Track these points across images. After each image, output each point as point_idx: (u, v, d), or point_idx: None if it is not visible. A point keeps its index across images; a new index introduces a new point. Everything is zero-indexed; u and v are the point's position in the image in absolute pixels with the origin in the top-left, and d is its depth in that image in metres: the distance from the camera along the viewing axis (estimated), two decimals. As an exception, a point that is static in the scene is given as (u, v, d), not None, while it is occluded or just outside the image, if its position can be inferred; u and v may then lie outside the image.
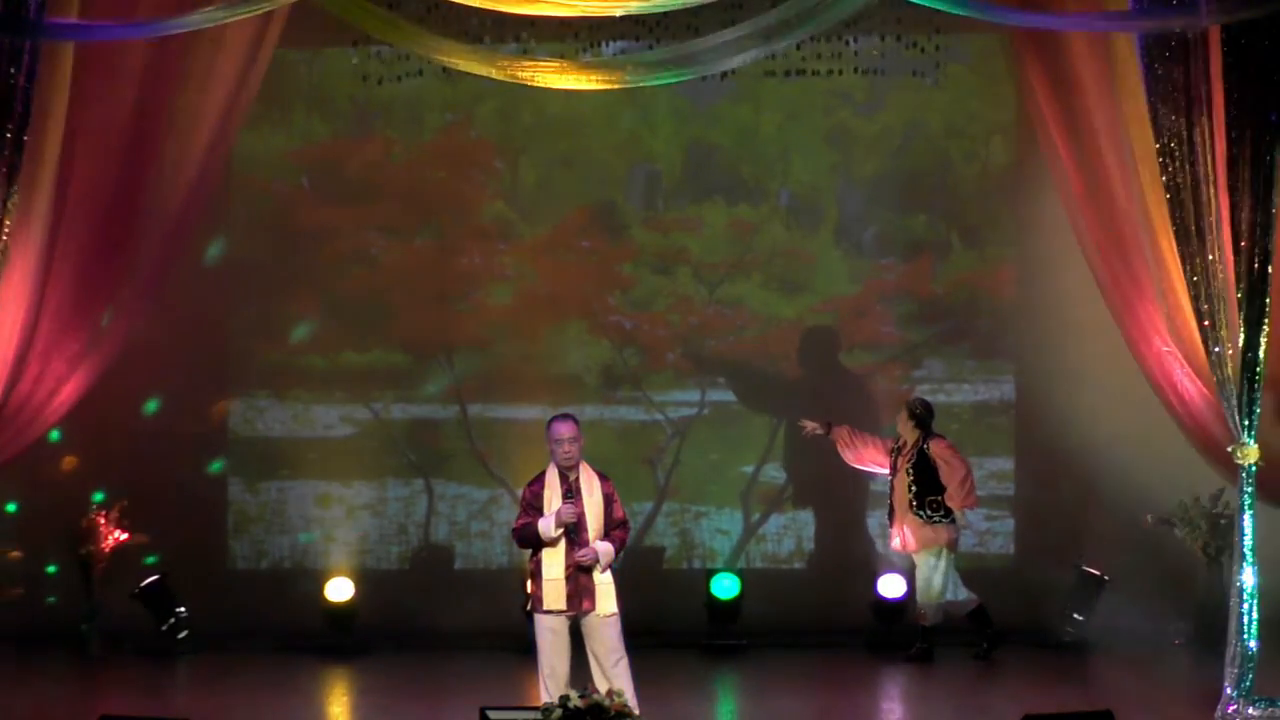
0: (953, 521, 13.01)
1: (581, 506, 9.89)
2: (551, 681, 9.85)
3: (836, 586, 14.08)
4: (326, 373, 14.66)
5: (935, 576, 13.03)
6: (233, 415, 14.65)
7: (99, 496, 13.80)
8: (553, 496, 9.93)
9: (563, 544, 9.89)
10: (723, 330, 14.64)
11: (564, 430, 9.97)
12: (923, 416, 13.19)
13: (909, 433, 13.18)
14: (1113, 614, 13.74)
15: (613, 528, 10.00)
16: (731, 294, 14.61)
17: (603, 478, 10.08)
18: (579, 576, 9.89)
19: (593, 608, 9.89)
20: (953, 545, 13.08)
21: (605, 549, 9.92)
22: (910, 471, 13.05)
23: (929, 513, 12.99)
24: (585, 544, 9.88)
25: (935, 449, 13.06)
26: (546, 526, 9.84)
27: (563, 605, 9.90)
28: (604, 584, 9.90)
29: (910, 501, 13.04)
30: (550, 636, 9.95)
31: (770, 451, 14.51)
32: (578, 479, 9.97)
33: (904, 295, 14.53)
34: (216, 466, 14.59)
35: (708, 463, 14.60)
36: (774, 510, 14.48)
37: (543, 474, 10.04)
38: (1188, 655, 13.14)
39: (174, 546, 14.04)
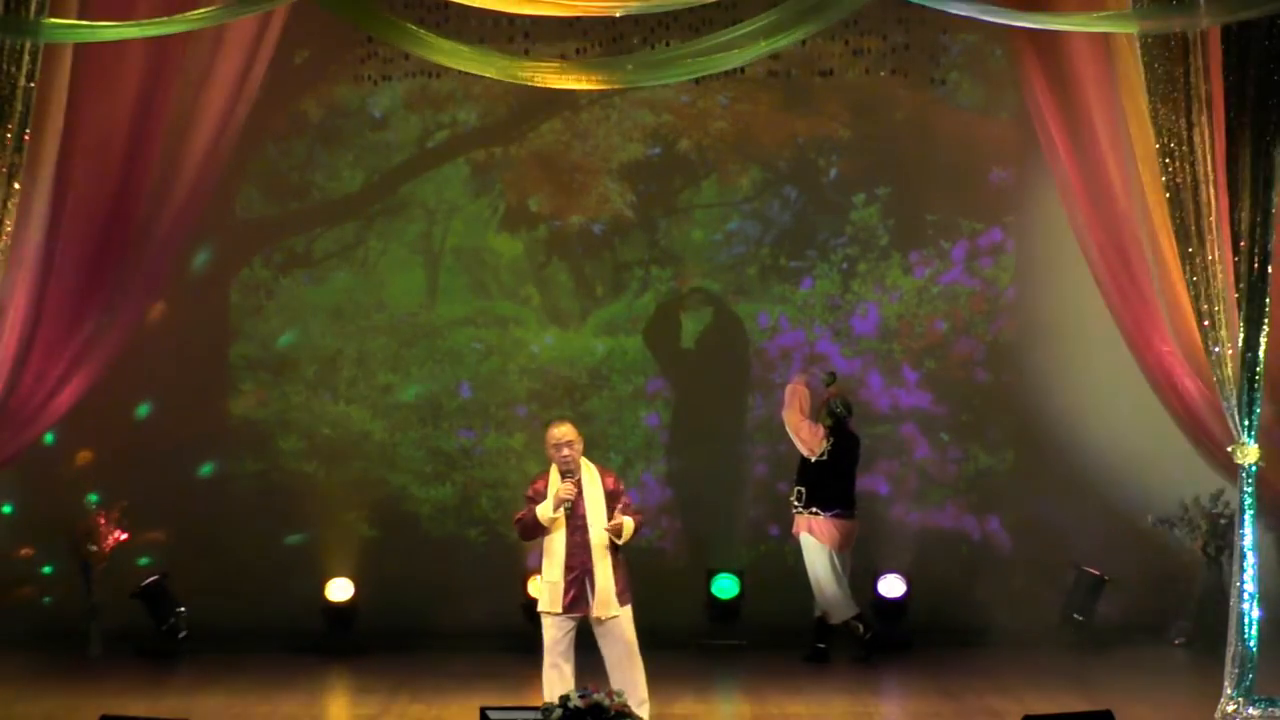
0: (808, 512, 13.00)
1: (580, 490, 9.89)
2: (552, 680, 9.84)
3: (837, 586, 14.08)
4: (328, 372, 14.67)
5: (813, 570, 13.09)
6: (233, 414, 14.66)
7: (93, 497, 13.81)
8: (553, 493, 9.95)
9: (563, 545, 9.88)
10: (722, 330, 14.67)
11: (560, 434, 9.99)
12: (842, 416, 13.16)
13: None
14: (1113, 614, 13.74)
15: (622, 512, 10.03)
16: (729, 293, 14.65)
17: (605, 472, 10.10)
18: (583, 578, 9.89)
19: (595, 611, 9.88)
20: (826, 540, 13.02)
21: (628, 522, 9.92)
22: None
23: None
24: (586, 537, 9.86)
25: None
26: (545, 507, 9.85)
27: (559, 609, 9.91)
28: (605, 588, 9.88)
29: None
30: (555, 634, 9.96)
31: (770, 451, 14.51)
32: (580, 478, 9.98)
33: (904, 294, 14.52)
34: (214, 466, 14.59)
35: (708, 463, 14.60)
36: (774, 510, 14.46)
37: (546, 471, 10.07)
38: (1188, 655, 13.15)
39: (174, 546, 14.05)
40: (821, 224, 14.65)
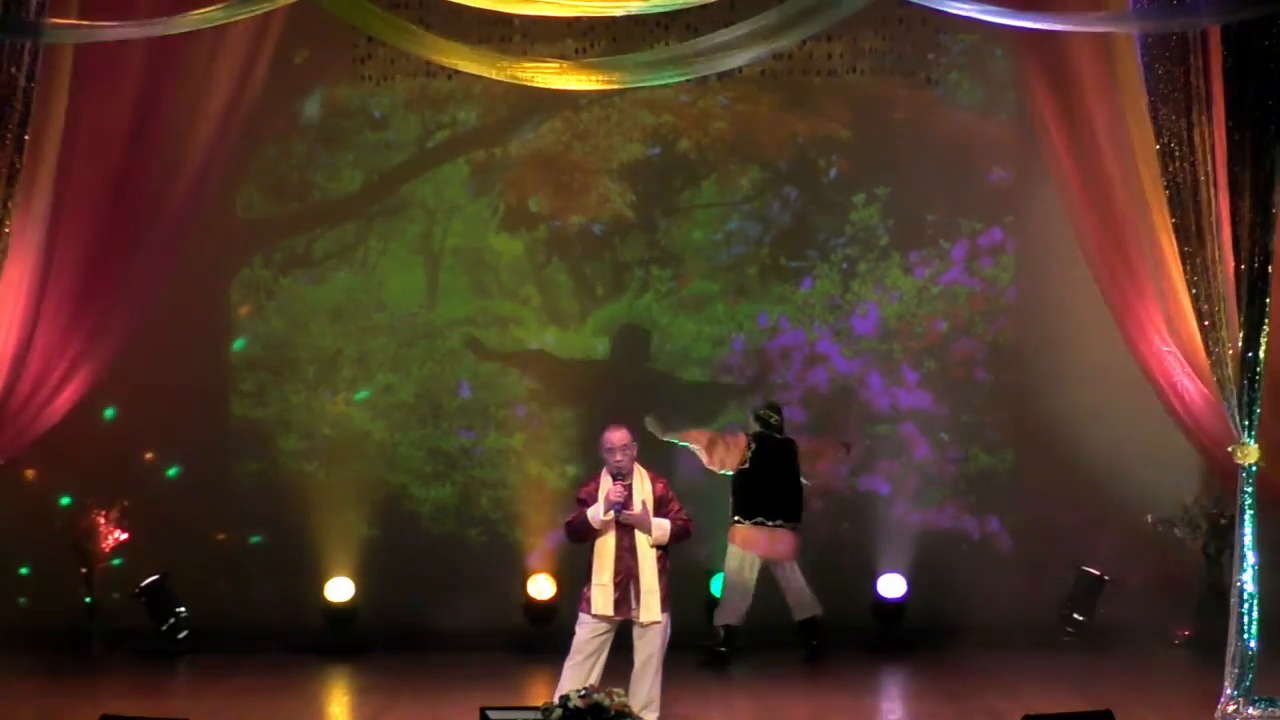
0: (734, 520, 13.02)
1: (630, 494, 9.87)
2: (576, 679, 9.77)
3: (836, 586, 14.07)
4: (327, 372, 14.67)
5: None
6: (233, 414, 14.66)
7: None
8: (604, 496, 9.95)
9: (613, 548, 9.88)
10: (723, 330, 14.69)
11: (615, 439, 9.97)
12: (768, 422, 13.09)
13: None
14: (1113, 614, 13.75)
15: (671, 521, 10.03)
16: (729, 293, 14.66)
17: (655, 477, 10.09)
18: (628, 582, 9.89)
19: (639, 614, 9.89)
20: (744, 545, 13.02)
21: (660, 522, 9.91)
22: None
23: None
24: (633, 541, 9.86)
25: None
26: (596, 510, 9.85)
27: (610, 611, 9.91)
28: (651, 591, 9.90)
29: None
30: (589, 635, 9.94)
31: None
32: (630, 482, 9.97)
33: (904, 294, 14.52)
34: (214, 466, 14.58)
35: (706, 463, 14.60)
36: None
37: (597, 475, 10.06)
38: (1188, 655, 13.15)
39: (174, 546, 14.05)
40: (821, 224, 14.65)
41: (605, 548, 9.91)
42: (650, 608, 9.89)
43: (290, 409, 14.66)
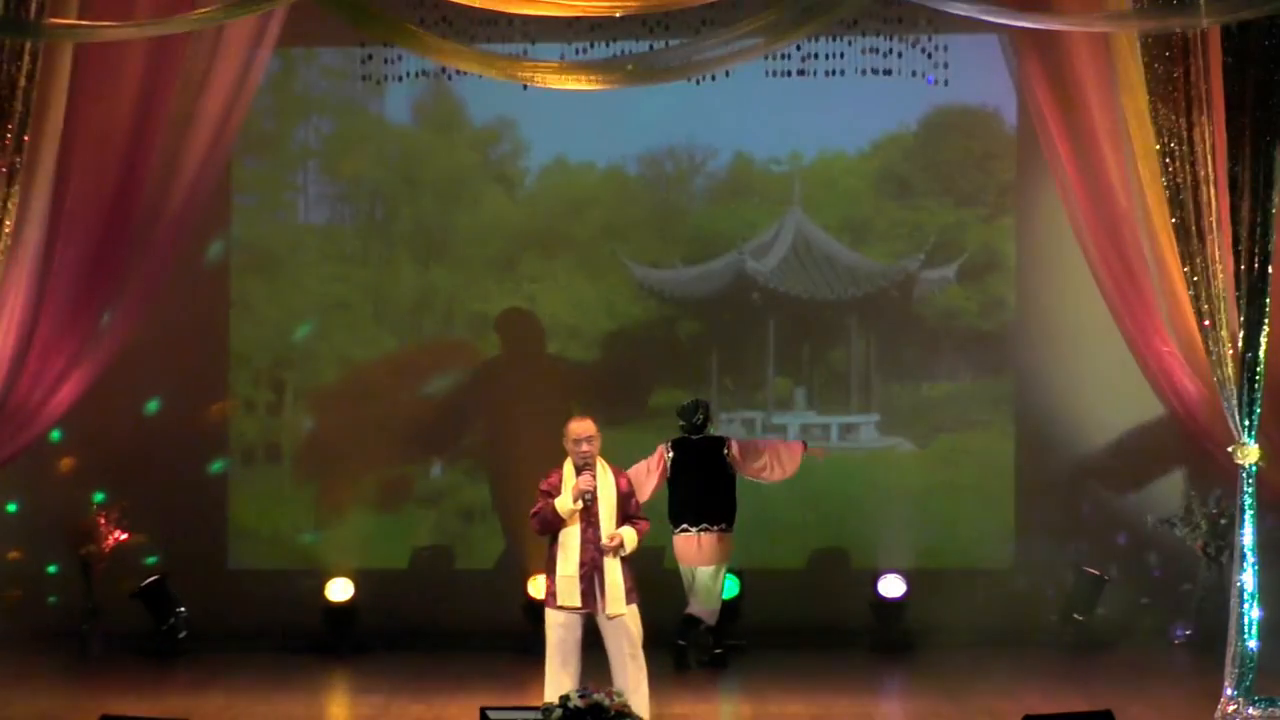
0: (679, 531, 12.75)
1: (596, 487, 9.91)
2: (560, 678, 9.81)
3: (836, 586, 14.08)
4: (327, 372, 14.67)
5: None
6: (233, 414, 14.66)
7: (99, 497, 13.81)
8: (568, 487, 9.97)
9: (577, 540, 9.89)
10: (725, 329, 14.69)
11: (582, 430, 9.99)
12: (695, 424, 12.84)
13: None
14: (1113, 614, 13.75)
15: (631, 518, 10.06)
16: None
17: (618, 472, 10.13)
18: (593, 574, 9.90)
19: (604, 606, 9.90)
20: (678, 557, 12.82)
21: (629, 533, 9.97)
22: None
23: None
24: (598, 533, 9.88)
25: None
26: (564, 501, 9.86)
27: (576, 602, 9.90)
28: (615, 584, 9.90)
29: None
30: (561, 633, 9.94)
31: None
32: (595, 474, 10.01)
33: (904, 295, 14.52)
34: (217, 466, 14.59)
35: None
36: (773, 510, 14.46)
37: (559, 467, 10.07)
38: (1188, 655, 13.15)
39: (174, 546, 14.06)
40: (822, 222, 14.65)
41: (570, 539, 9.92)
42: (615, 600, 9.89)
43: (289, 409, 14.65)
